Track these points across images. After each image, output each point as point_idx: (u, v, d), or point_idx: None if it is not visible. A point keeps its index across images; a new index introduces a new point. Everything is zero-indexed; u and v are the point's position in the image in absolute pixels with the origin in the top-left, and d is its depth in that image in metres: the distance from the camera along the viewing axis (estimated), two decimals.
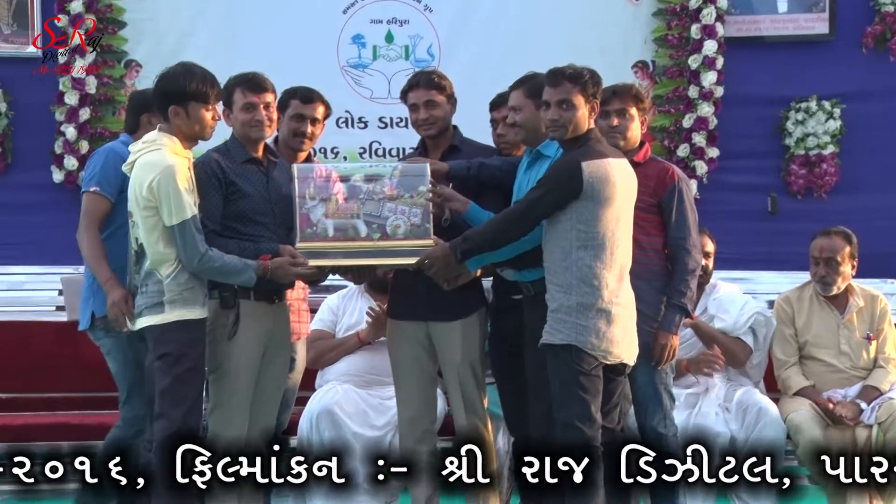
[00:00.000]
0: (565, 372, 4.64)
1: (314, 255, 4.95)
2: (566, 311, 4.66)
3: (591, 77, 4.75)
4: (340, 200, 4.99)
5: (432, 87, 5.29)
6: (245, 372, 4.96)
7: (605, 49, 7.81)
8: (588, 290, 4.64)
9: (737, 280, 6.98)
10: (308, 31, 7.91)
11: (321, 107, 5.40)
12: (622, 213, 4.69)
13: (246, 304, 4.93)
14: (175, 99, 4.77)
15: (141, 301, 4.77)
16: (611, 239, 4.65)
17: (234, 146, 5.04)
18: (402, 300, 5.38)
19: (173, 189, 4.68)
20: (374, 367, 6.03)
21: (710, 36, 7.93)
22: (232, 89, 5.02)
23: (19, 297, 7.49)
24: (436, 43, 7.98)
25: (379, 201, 5.01)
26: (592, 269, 4.64)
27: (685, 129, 7.97)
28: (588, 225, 4.64)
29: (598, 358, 4.64)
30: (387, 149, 7.96)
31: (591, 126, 4.76)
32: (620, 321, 4.67)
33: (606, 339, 4.64)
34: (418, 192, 5.02)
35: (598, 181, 4.61)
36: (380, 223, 4.99)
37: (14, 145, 7.74)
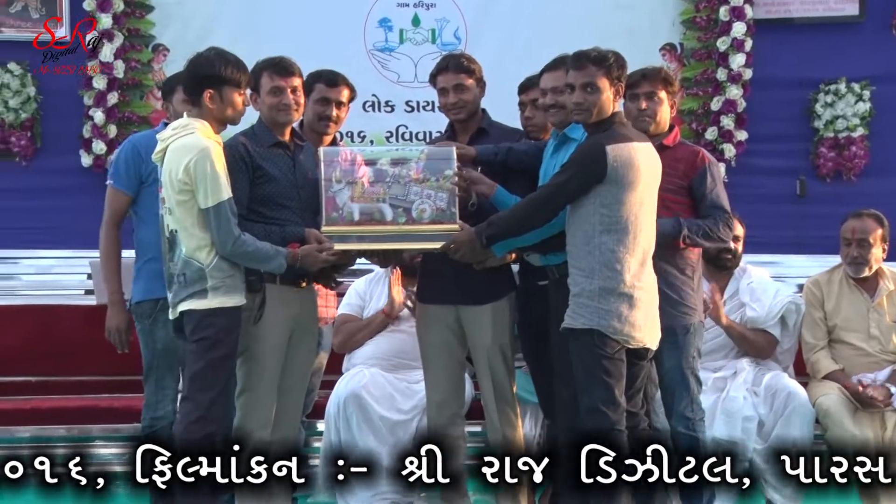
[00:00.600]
0: (588, 356, 4.66)
1: (339, 239, 4.96)
2: (588, 295, 4.66)
3: (615, 60, 4.75)
4: (366, 184, 5.00)
5: (462, 70, 5.30)
6: (271, 356, 4.99)
7: (633, 31, 7.78)
8: (610, 275, 4.64)
9: (765, 264, 6.96)
10: (334, 14, 7.88)
11: (346, 90, 5.42)
12: (646, 197, 4.69)
13: (272, 289, 4.96)
14: (209, 83, 4.80)
15: (181, 291, 4.77)
16: (634, 223, 4.65)
17: (261, 130, 5.06)
18: (431, 284, 5.40)
19: (210, 170, 4.70)
20: (401, 350, 6.05)
21: (739, 18, 7.88)
22: (259, 73, 5.05)
23: (47, 282, 7.52)
24: (462, 26, 7.95)
25: (405, 185, 5.01)
26: (615, 254, 4.64)
27: (713, 112, 7.92)
28: (611, 209, 4.64)
29: (620, 342, 4.65)
30: (413, 133, 7.94)
31: (615, 109, 4.76)
32: (643, 305, 4.67)
33: (629, 322, 4.65)
34: (444, 175, 5.03)
35: (622, 165, 4.61)
36: (406, 207, 5.00)
37: (43, 129, 7.76)
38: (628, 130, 4.75)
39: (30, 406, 6.12)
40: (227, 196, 4.74)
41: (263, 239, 4.88)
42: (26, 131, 7.72)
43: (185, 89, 4.93)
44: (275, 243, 4.90)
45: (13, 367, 6.56)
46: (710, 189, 5.09)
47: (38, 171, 7.76)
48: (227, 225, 4.73)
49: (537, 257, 5.07)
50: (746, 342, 5.92)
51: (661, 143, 4.99)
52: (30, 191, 7.69)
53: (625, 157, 4.62)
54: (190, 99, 4.89)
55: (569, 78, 4.76)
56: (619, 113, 4.78)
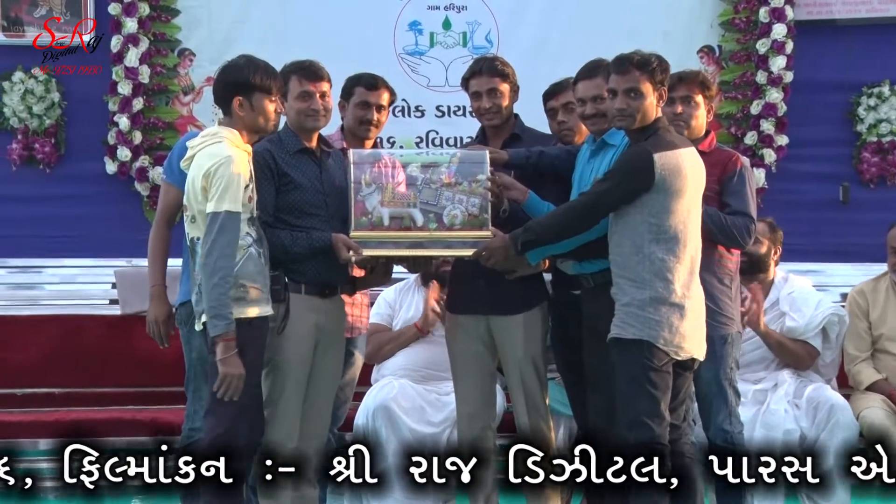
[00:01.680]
0: (635, 367, 4.61)
1: (368, 244, 4.95)
2: (639, 305, 4.62)
3: (658, 64, 4.71)
4: (397, 188, 4.97)
5: (495, 74, 5.28)
6: (296, 367, 4.96)
7: (669, 33, 7.76)
8: (662, 285, 4.61)
9: (807, 272, 6.91)
10: (364, 17, 7.89)
11: (386, 93, 5.42)
12: (692, 204, 4.67)
13: (296, 298, 4.94)
14: (240, 90, 4.78)
15: (200, 301, 4.74)
16: (683, 232, 4.62)
17: (287, 136, 5.05)
18: (461, 293, 5.37)
19: (227, 178, 4.65)
20: (431, 361, 6.04)
21: (780, 19, 7.83)
22: (287, 77, 5.03)
23: (71, 291, 7.50)
24: (494, 29, 7.94)
25: (436, 189, 4.98)
26: (665, 263, 4.61)
27: (753, 116, 7.87)
28: (660, 218, 4.60)
29: (669, 353, 4.62)
30: (444, 138, 7.93)
31: (658, 115, 4.73)
32: (692, 315, 4.65)
33: (679, 333, 4.61)
34: (477, 180, 4.99)
35: (670, 173, 4.58)
36: (437, 212, 4.97)
37: (67, 136, 7.78)
38: (673, 136, 4.71)
39: (53, 418, 6.11)
40: (232, 208, 4.65)
41: (289, 245, 4.88)
42: (50, 137, 7.75)
43: (215, 97, 4.93)
44: (300, 249, 4.89)
45: (36, 378, 6.58)
46: (734, 190, 5.04)
47: (62, 178, 7.78)
48: (223, 237, 4.64)
49: (570, 265, 5.03)
50: (784, 351, 5.86)
51: (696, 148, 4.95)
52: (53, 198, 7.71)
53: (672, 165, 4.59)
54: (220, 107, 4.87)
55: (610, 83, 4.72)
56: (662, 118, 4.75)
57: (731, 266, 5.11)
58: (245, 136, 4.81)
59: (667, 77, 4.74)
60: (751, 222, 5.03)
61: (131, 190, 7.70)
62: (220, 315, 4.65)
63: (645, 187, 4.59)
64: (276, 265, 4.89)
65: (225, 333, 4.64)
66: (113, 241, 7.49)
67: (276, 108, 4.86)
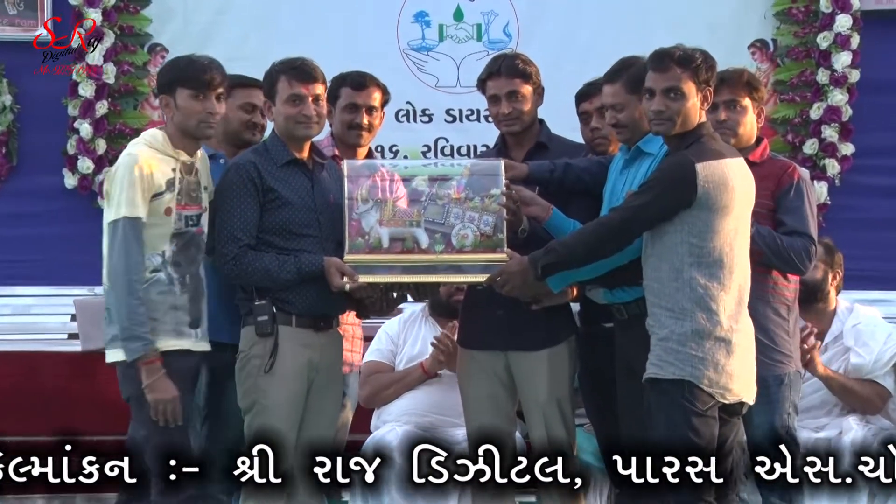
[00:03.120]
0: (675, 412, 4.61)
1: (365, 269, 4.96)
2: (678, 339, 4.62)
3: (703, 60, 4.72)
4: (398, 204, 5.00)
5: (516, 75, 5.30)
6: (286, 412, 4.99)
7: (716, 26, 7.79)
8: (705, 316, 4.61)
9: (875, 302, 6.90)
10: (362, 7, 7.96)
11: (377, 92, 5.46)
12: (740, 224, 4.68)
13: (286, 332, 4.97)
14: (164, 88, 4.94)
15: (107, 330, 4.87)
16: (728, 255, 4.63)
17: (275, 145, 5.08)
18: (475, 325, 5.38)
19: (125, 180, 4.78)
20: (439, 405, 6.06)
21: (844, 9, 7.86)
22: (275, 78, 5.06)
23: (26, 324, 7.53)
24: (513, 20, 7.98)
25: (443, 206, 5.00)
26: (709, 291, 4.61)
27: (813, 122, 7.90)
28: (702, 238, 4.61)
29: (714, 396, 4.61)
30: (455, 147, 7.99)
31: (702, 119, 4.75)
32: (740, 352, 4.64)
33: (726, 373, 4.61)
34: (490, 194, 5.00)
35: (715, 187, 4.59)
36: (444, 232, 4.99)
37: (20, 145, 7.81)
38: (719, 144, 4.73)
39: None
40: (130, 213, 4.78)
41: (276, 271, 4.93)
42: (1, 147, 7.79)
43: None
44: (288, 275, 4.94)
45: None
46: (790, 206, 5.06)
47: (15, 194, 7.82)
48: (124, 247, 4.77)
49: (601, 293, 5.06)
50: (850, 395, 5.87)
51: (746, 158, 4.98)
52: (3, 217, 7.76)
53: (717, 177, 4.60)
54: None
55: (647, 81, 4.74)
56: (706, 123, 4.76)
57: (789, 294, 5.12)
58: (179, 140, 4.92)
59: (713, 76, 4.75)
60: (810, 243, 5.04)
61: (94, 207, 7.64)
62: (134, 336, 4.77)
63: (686, 202, 4.60)
64: (263, 294, 4.94)
65: (144, 355, 4.77)
66: (72, 267, 7.48)
67: (210, 108, 4.92)
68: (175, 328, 4.89)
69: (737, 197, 4.63)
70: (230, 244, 4.95)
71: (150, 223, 4.81)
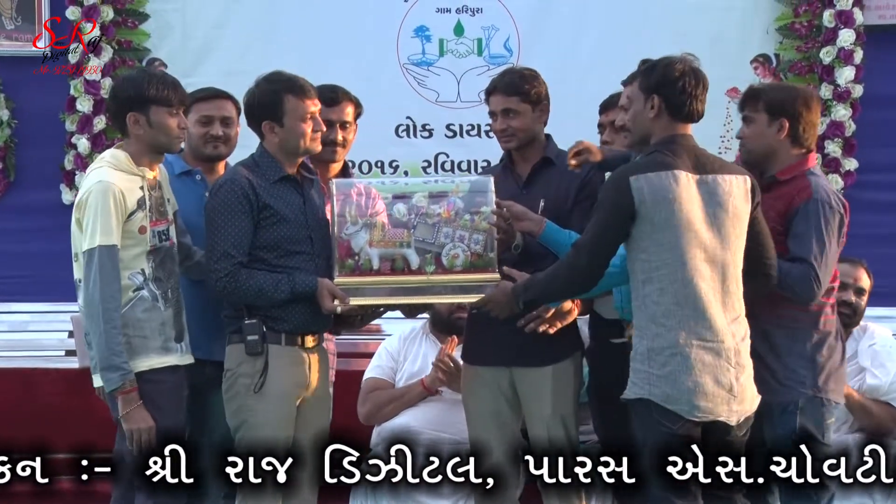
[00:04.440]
0: (647, 432, 4.67)
1: (356, 291, 4.99)
2: (640, 358, 4.68)
3: (645, 66, 4.86)
4: (388, 225, 5.03)
5: (511, 92, 5.35)
6: (278, 429, 5.01)
7: (719, 39, 7.79)
8: (658, 332, 4.64)
9: (884, 319, 6.89)
10: (362, 22, 7.94)
11: (349, 107, 5.53)
12: (699, 236, 4.65)
13: (275, 350, 5.00)
14: (133, 105, 4.97)
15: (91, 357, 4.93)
16: (682, 269, 4.63)
17: (266, 161, 5.12)
18: (480, 341, 5.41)
19: (97, 207, 4.84)
20: (440, 422, 6.09)
21: (847, 24, 7.85)
22: (281, 96, 5.07)
23: (22, 340, 7.54)
24: (514, 35, 7.98)
25: (433, 224, 5.04)
26: (660, 306, 4.64)
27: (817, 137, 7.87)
28: (649, 253, 4.66)
29: (681, 414, 4.62)
30: (456, 162, 7.97)
31: (671, 131, 4.76)
32: (708, 368, 4.62)
33: (686, 388, 4.61)
34: (480, 212, 5.04)
35: (651, 198, 4.62)
36: (435, 252, 5.03)
37: (17, 160, 7.81)
38: (681, 157, 4.71)
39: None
40: (105, 241, 4.85)
41: (270, 290, 4.96)
42: None
43: (111, 118, 5.14)
44: (283, 295, 4.97)
45: None
46: (795, 231, 5.03)
47: (12, 210, 7.82)
48: (100, 275, 4.83)
49: (609, 308, 5.06)
50: (867, 415, 5.85)
51: (772, 176, 4.99)
52: (1, 232, 7.76)
53: (654, 189, 4.62)
54: (116, 128, 5.09)
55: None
56: (679, 136, 4.77)
57: (805, 318, 5.06)
58: (144, 157, 4.99)
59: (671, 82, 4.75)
60: (810, 269, 4.96)
61: None
62: (111, 366, 4.85)
63: (629, 217, 4.64)
64: (253, 313, 4.98)
65: (121, 386, 4.85)
66: (70, 283, 7.24)
67: (182, 122, 5.04)
68: (163, 345, 4.98)
69: (683, 209, 4.62)
70: (223, 261, 4.97)
71: (127, 244, 4.90)
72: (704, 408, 4.62)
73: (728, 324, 4.66)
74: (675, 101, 4.74)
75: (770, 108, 5.13)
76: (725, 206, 4.69)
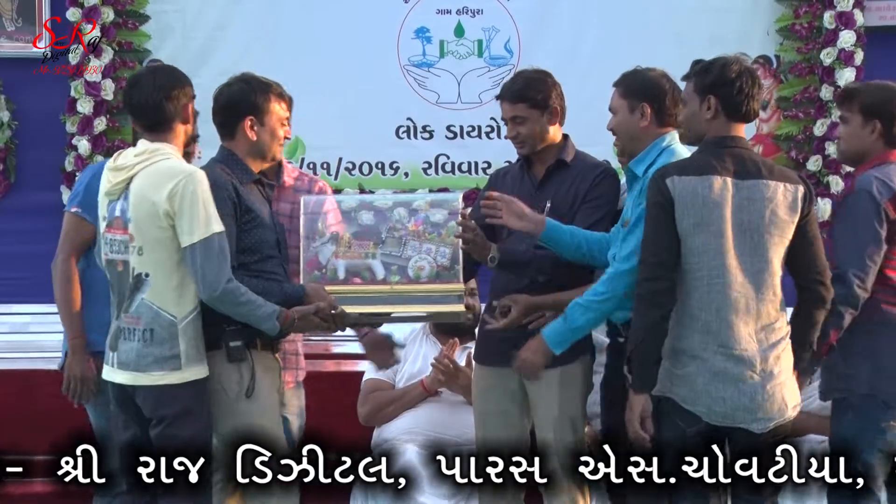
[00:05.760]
0: (665, 431, 4.71)
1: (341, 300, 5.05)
2: (665, 356, 4.71)
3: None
4: (350, 238, 5.11)
5: (516, 99, 5.40)
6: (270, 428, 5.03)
7: (719, 41, 7.57)
8: (681, 333, 4.69)
9: None
10: (363, 23, 7.93)
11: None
12: (735, 241, 4.68)
13: (255, 355, 5.02)
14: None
15: (146, 350, 4.86)
16: (707, 274, 4.67)
17: (236, 163, 5.13)
18: (490, 343, 5.44)
19: (201, 198, 4.80)
20: (442, 422, 6.11)
21: (848, 25, 7.86)
22: (267, 97, 5.16)
23: (23, 342, 7.52)
24: (515, 36, 7.99)
25: (400, 238, 5.12)
26: (685, 308, 4.69)
27: (817, 138, 7.91)
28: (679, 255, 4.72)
29: (700, 416, 4.66)
30: (456, 163, 7.97)
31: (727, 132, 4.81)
32: (727, 374, 4.64)
33: (704, 392, 4.65)
34: (448, 227, 5.11)
35: (681, 201, 4.67)
36: (400, 265, 5.09)
37: (18, 161, 7.83)
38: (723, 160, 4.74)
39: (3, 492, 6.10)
40: (218, 228, 4.81)
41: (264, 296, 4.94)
42: None
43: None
44: (276, 301, 4.96)
45: None
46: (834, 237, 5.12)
47: (13, 211, 7.84)
48: (218, 262, 4.78)
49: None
50: None
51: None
52: (2, 234, 7.77)
53: (686, 191, 4.67)
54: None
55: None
56: (729, 137, 4.80)
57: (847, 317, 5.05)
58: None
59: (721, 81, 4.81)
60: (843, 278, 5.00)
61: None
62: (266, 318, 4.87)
63: (672, 217, 4.69)
64: (233, 319, 4.94)
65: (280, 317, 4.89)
66: None
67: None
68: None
69: (713, 214, 4.66)
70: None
71: None
72: (722, 413, 4.66)
73: (756, 331, 4.68)
74: (731, 101, 4.78)
75: (864, 109, 5.19)
76: (762, 212, 4.71)
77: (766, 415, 4.68)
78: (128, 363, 4.88)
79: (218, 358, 4.95)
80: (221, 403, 4.96)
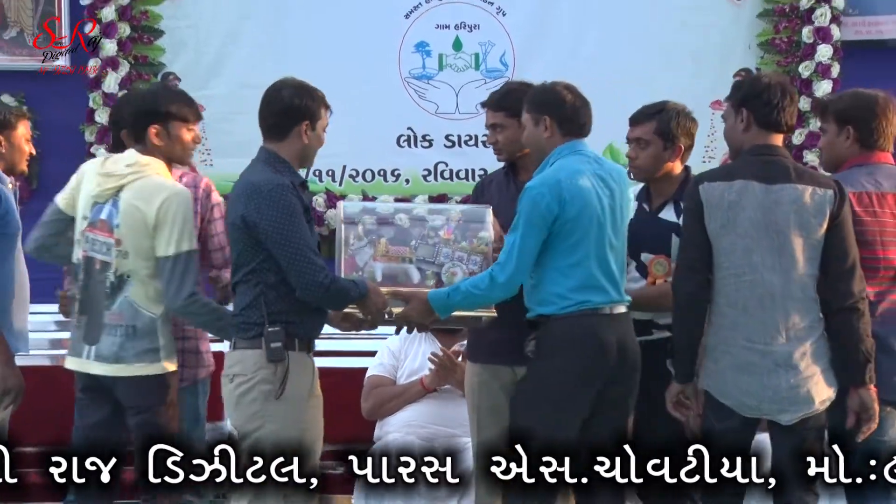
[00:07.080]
0: (705, 423, 4.91)
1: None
2: (705, 352, 4.89)
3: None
4: (389, 243, 5.17)
5: (497, 108, 5.48)
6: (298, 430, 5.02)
7: (701, 54, 7.92)
8: (714, 330, 4.87)
9: None
10: (366, 37, 8.05)
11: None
12: (762, 243, 4.82)
13: (293, 356, 4.97)
14: (157, 118, 5.24)
15: (128, 344, 5.13)
16: (735, 273, 4.82)
17: (282, 165, 5.07)
18: (484, 341, 5.47)
19: (182, 216, 5.09)
20: (441, 416, 6.23)
21: (825, 40, 7.96)
22: (319, 104, 5.16)
23: (47, 339, 7.60)
24: (510, 50, 8.09)
25: (434, 245, 5.18)
26: (717, 306, 4.86)
27: (795, 147, 7.94)
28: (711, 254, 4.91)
29: (734, 408, 4.83)
30: (454, 171, 8.11)
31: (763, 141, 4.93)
32: (755, 368, 4.79)
33: (737, 386, 4.81)
34: (478, 237, 5.18)
35: (709, 205, 4.85)
36: (434, 271, 5.16)
37: (41, 169, 7.82)
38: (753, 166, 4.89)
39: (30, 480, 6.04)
40: (188, 248, 5.10)
41: (352, 296, 5.00)
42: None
43: (127, 125, 5.34)
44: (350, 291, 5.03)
45: None
46: None
47: (35, 215, 7.60)
48: (182, 279, 5.06)
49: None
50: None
51: None
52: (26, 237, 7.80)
53: (713, 195, 4.84)
54: (133, 135, 5.29)
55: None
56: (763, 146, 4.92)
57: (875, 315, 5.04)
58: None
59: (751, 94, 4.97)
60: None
61: None
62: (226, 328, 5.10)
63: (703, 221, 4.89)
64: (275, 320, 4.94)
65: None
66: None
67: (194, 137, 5.33)
68: None
69: (739, 216, 4.82)
70: (322, 270, 4.94)
71: None
72: (750, 406, 4.81)
73: (784, 329, 4.79)
74: (762, 112, 4.90)
75: (838, 117, 5.25)
76: (788, 214, 4.82)
77: (793, 406, 4.79)
78: (108, 356, 5.15)
79: (255, 356, 4.93)
80: (256, 401, 4.94)
